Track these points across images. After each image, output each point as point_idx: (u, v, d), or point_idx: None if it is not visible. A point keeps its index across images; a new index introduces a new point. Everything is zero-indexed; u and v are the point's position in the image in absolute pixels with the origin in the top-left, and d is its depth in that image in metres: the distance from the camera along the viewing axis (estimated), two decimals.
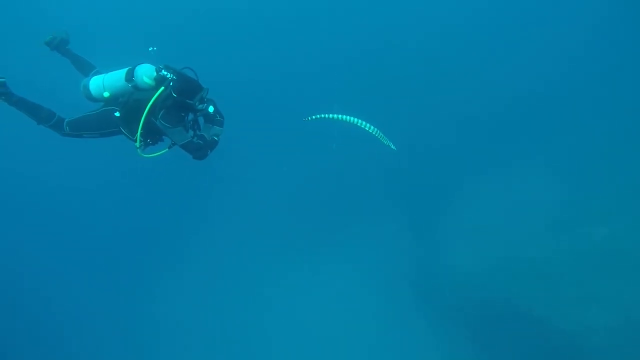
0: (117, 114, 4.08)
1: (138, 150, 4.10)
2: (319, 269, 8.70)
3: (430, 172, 9.27)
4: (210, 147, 4.23)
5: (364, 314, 8.13)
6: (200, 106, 4.01)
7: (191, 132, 4.20)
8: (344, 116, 3.72)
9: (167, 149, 4.25)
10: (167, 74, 3.88)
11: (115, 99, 4.13)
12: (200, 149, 4.14)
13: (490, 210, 8.27)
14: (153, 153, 4.22)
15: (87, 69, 4.47)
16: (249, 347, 8.14)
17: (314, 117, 3.79)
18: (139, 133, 3.97)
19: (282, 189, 9.42)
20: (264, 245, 8.89)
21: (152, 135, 4.13)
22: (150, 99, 3.88)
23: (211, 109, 4.08)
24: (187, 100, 3.92)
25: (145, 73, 3.96)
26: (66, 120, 4.28)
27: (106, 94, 4.09)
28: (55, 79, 4.58)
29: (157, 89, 3.90)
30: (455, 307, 7.61)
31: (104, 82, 4.10)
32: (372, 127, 3.71)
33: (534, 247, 7.39)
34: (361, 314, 8.12)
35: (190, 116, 4.15)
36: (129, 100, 4.02)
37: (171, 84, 3.88)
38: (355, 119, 3.72)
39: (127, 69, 4.05)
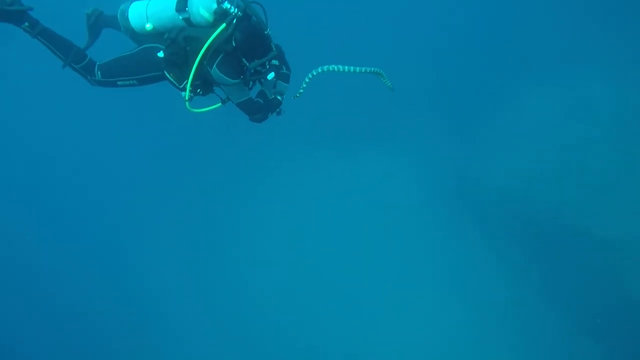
0: (160, 53, 3.18)
1: (186, 103, 3.21)
2: (359, 162, 7.94)
3: (478, 70, 8.29)
4: (272, 108, 3.36)
5: (404, 211, 7.45)
6: (258, 68, 3.10)
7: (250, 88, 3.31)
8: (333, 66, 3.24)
9: (220, 104, 3.35)
10: (231, 8, 2.95)
11: (159, 34, 3.23)
12: (260, 110, 3.29)
13: (541, 114, 7.42)
14: (203, 107, 3.34)
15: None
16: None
17: (303, 85, 3.29)
18: (189, 81, 3.08)
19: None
20: (306, 138, 8.10)
21: (203, 85, 3.24)
22: (207, 39, 2.96)
23: (271, 75, 3.17)
24: (244, 60, 3.04)
25: (203, 3, 3.02)
26: (98, 63, 3.42)
27: (149, 27, 3.18)
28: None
29: (216, 26, 2.98)
30: (498, 215, 7.01)
31: (147, 11, 3.18)
32: (367, 69, 3.31)
33: (586, 156, 6.76)
34: (401, 211, 7.45)
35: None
36: (178, 38, 3.10)
37: (234, 21, 2.96)
38: (346, 67, 3.23)
39: None
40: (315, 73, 3.23)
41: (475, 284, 6.87)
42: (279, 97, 3.34)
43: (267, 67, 3.09)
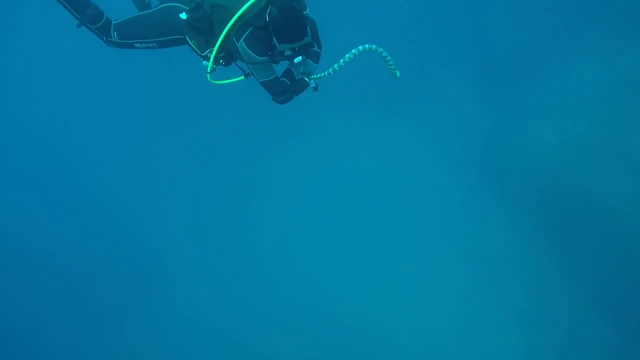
0: (183, 15, 2.93)
1: (208, 74, 2.99)
2: (385, 126, 7.76)
3: (511, 36, 7.79)
4: (297, 90, 3.08)
5: (426, 175, 7.29)
6: (286, 52, 2.80)
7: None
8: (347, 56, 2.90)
9: (243, 77, 3.10)
10: None
11: None
12: (285, 92, 3.01)
13: (576, 83, 7.00)
14: (224, 79, 3.10)
15: None
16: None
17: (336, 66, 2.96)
18: (214, 54, 2.83)
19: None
20: (333, 101, 7.60)
21: (227, 57, 2.99)
22: (236, 9, 2.68)
23: (298, 59, 2.88)
24: (274, 39, 2.74)
25: None
26: (114, 22, 3.20)
27: None
28: None
29: None
30: (520, 184, 6.83)
31: None
32: (380, 49, 2.92)
33: (620, 130, 6.37)
34: (423, 176, 7.28)
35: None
36: (204, 3, 2.82)
37: None
38: (357, 50, 2.88)
39: None
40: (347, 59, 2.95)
41: (492, 251, 6.78)
42: (306, 79, 3.08)
43: (297, 50, 2.82)
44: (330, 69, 2.97)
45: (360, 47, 2.86)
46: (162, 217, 7.38)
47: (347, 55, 2.87)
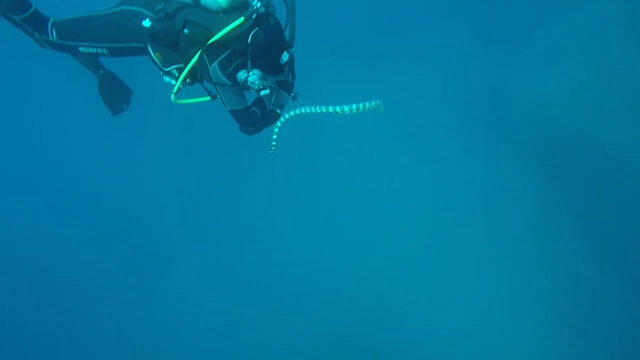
0: (146, 23, 2.46)
1: (172, 94, 2.54)
2: (385, 76, 7.23)
3: None
4: (268, 122, 2.68)
5: (431, 128, 6.96)
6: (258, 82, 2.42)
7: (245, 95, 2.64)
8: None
9: (209, 98, 2.67)
10: (255, 2, 2.29)
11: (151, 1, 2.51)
12: (255, 123, 2.61)
13: (590, 27, 6.73)
14: (189, 98, 2.64)
15: None
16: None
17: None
18: (183, 73, 2.42)
19: None
20: (331, 50, 7.36)
21: (192, 76, 2.55)
22: (214, 29, 2.28)
23: (265, 92, 2.50)
24: (248, 64, 2.40)
25: None
26: (52, 20, 2.66)
27: None
28: None
29: (231, 17, 2.28)
30: (529, 135, 6.62)
31: None
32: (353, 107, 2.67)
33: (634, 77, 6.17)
34: (427, 128, 6.96)
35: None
36: (176, 17, 2.36)
37: (254, 16, 2.28)
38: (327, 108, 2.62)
39: None
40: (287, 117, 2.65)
41: (501, 204, 6.57)
42: (277, 110, 2.67)
43: (269, 87, 2.44)
44: (309, 109, 2.61)
45: (346, 107, 2.64)
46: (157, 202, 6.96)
47: (331, 108, 2.59)
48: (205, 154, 7.16)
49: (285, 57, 2.44)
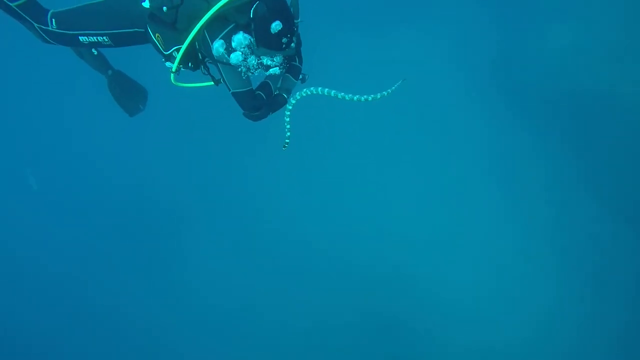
0: (146, 3, 2.41)
1: (172, 74, 2.54)
2: (387, 43, 7.15)
3: None
4: (274, 107, 2.58)
5: (436, 93, 6.84)
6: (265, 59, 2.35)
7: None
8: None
9: (212, 82, 2.62)
10: None
11: None
12: (260, 108, 2.52)
13: None
14: (191, 82, 2.64)
15: None
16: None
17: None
18: (182, 51, 2.37)
19: None
20: (330, 17, 6.92)
21: (194, 57, 2.50)
22: (214, 2, 2.22)
23: (275, 70, 2.41)
24: (253, 40, 2.29)
25: None
26: (52, 10, 2.64)
27: None
28: None
29: None
30: (538, 97, 6.52)
31: None
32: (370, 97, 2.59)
33: None
34: (433, 94, 6.83)
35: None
36: None
37: None
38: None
39: None
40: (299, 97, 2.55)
41: (512, 167, 6.53)
42: (284, 95, 2.58)
43: (275, 62, 2.36)
44: (319, 90, 2.51)
45: (355, 97, 2.56)
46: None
47: (340, 94, 2.54)
48: (211, 140, 7.19)
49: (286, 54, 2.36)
